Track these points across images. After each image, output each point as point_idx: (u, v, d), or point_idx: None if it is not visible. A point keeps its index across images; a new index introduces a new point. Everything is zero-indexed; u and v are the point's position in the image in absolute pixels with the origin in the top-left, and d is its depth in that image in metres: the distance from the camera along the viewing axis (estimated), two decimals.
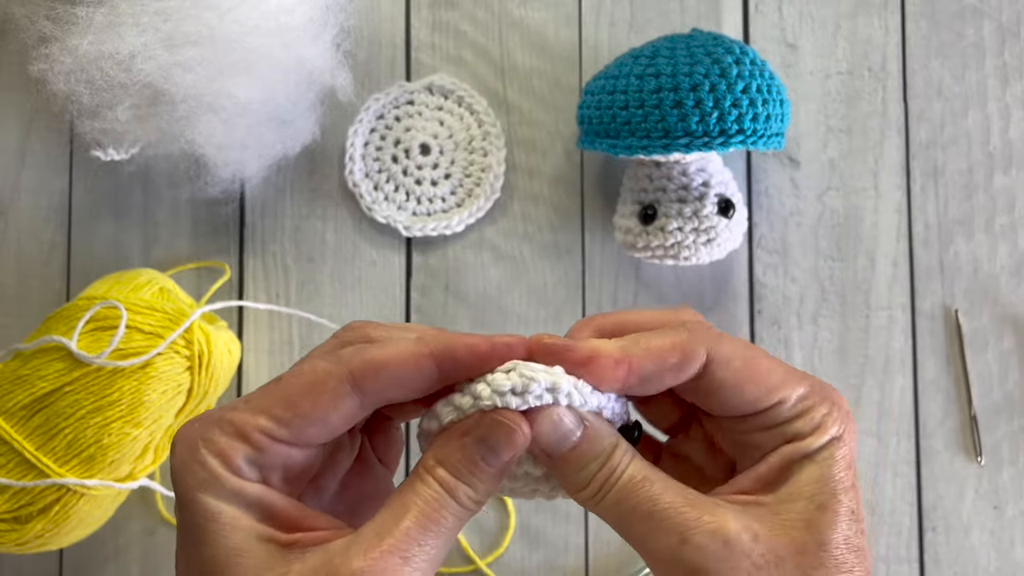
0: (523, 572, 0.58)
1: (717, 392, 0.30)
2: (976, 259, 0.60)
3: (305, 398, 0.28)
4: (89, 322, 0.51)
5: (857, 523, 0.29)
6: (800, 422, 0.30)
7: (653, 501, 0.28)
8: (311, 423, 0.28)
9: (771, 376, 0.30)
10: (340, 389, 0.29)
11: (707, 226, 0.54)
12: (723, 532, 0.28)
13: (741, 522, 0.28)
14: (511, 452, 0.29)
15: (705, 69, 0.51)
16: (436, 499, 0.28)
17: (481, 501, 0.29)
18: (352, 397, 0.29)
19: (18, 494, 0.49)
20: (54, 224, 0.60)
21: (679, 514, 0.28)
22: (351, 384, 0.29)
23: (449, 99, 0.61)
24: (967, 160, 0.60)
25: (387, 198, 0.60)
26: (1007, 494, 0.59)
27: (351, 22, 0.58)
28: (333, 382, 0.29)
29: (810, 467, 0.29)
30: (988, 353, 0.59)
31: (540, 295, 0.60)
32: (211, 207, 0.60)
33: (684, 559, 0.28)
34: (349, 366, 0.29)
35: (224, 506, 0.28)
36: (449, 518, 0.28)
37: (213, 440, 0.28)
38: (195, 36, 0.51)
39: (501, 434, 0.29)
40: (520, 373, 0.29)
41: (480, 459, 0.29)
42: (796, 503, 0.29)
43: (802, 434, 0.30)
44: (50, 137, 0.60)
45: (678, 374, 0.30)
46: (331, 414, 0.29)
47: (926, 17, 0.61)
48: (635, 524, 0.28)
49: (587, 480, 0.29)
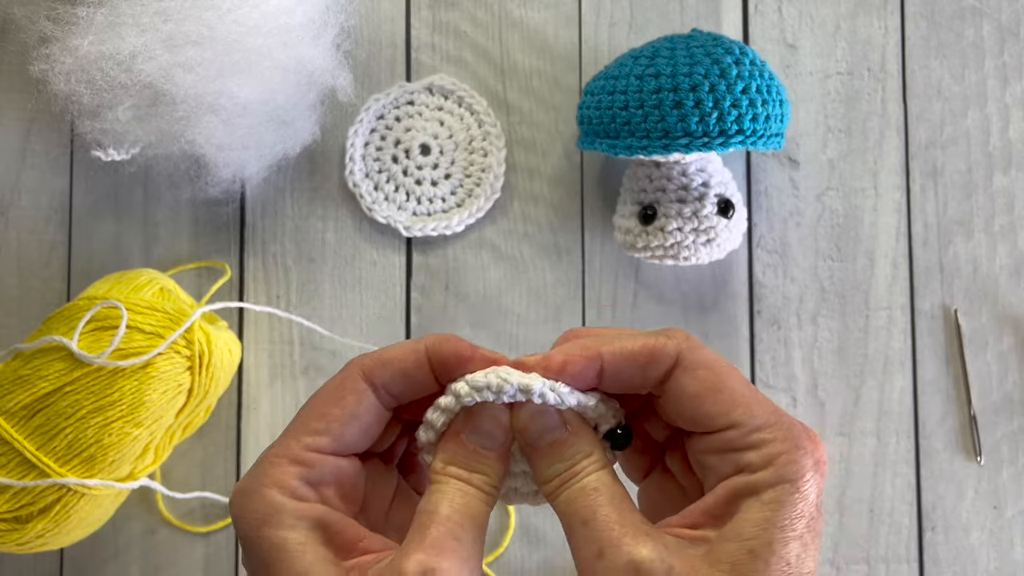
0: (523, 572, 0.58)
1: (677, 400, 0.31)
2: (975, 259, 0.60)
3: (333, 404, 0.31)
4: (90, 322, 0.51)
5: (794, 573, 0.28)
6: (752, 454, 0.29)
7: (592, 511, 0.29)
8: (345, 424, 0.31)
9: (732, 395, 0.30)
10: (358, 386, 0.31)
11: (707, 226, 0.54)
12: (636, 559, 0.28)
13: (662, 554, 0.28)
14: (502, 432, 0.32)
15: (705, 69, 0.51)
16: (460, 489, 0.30)
17: (497, 484, 0.31)
18: (369, 393, 0.31)
19: (19, 494, 0.49)
20: (55, 224, 0.60)
21: (606, 529, 0.29)
22: (365, 380, 0.31)
23: (449, 99, 0.61)
24: (966, 160, 0.61)
25: (387, 198, 0.60)
26: (1007, 494, 0.59)
27: (351, 22, 0.58)
28: (350, 382, 0.31)
29: (755, 507, 0.29)
30: (987, 353, 0.60)
31: (540, 295, 0.60)
32: (211, 207, 0.60)
33: (598, 573, 0.28)
34: (361, 366, 0.32)
35: (289, 534, 0.29)
36: (476, 502, 0.31)
37: (267, 474, 0.30)
38: (195, 36, 0.51)
39: (487, 419, 0.31)
40: (496, 375, 0.31)
41: (480, 447, 0.31)
42: (731, 543, 0.28)
43: (752, 466, 0.29)
44: (51, 137, 0.60)
45: (645, 373, 0.31)
46: (359, 411, 0.31)
47: (926, 17, 0.61)
48: (572, 528, 0.30)
49: (552, 476, 0.31)
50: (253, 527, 0.29)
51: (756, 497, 0.29)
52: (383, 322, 0.60)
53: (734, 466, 0.30)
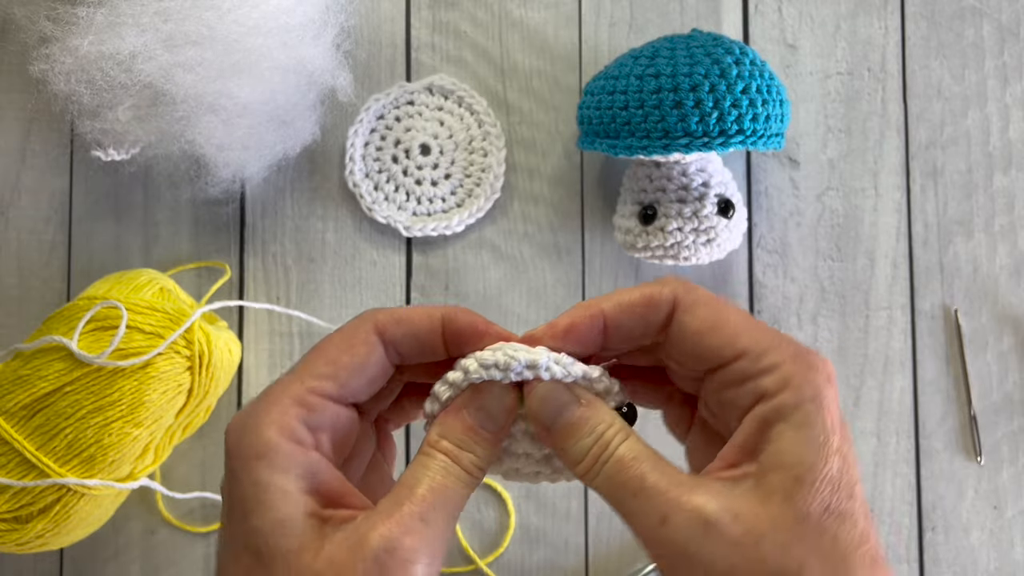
0: (523, 572, 0.58)
1: (682, 341, 0.31)
2: (976, 259, 0.60)
3: (343, 352, 0.31)
4: (89, 322, 0.51)
5: (841, 489, 0.28)
6: (767, 379, 0.30)
7: (641, 480, 0.29)
8: (352, 373, 0.31)
9: (734, 327, 0.30)
10: (370, 338, 0.32)
11: (707, 226, 0.54)
12: (703, 514, 0.28)
13: (722, 502, 0.28)
14: (504, 414, 0.32)
15: (705, 69, 0.51)
16: (444, 468, 0.30)
17: (484, 467, 0.32)
18: (379, 346, 0.32)
19: (18, 494, 0.49)
20: (54, 224, 0.60)
21: (662, 494, 0.28)
22: (377, 333, 0.32)
23: (449, 99, 0.61)
24: (966, 160, 0.61)
25: (387, 198, 0.60)
26: (1007, 494, 0.59)
27: (351, 22, 0.58)
28: (363, 333, 0.32)
29: (787, 432, 0.29)
30: (988, 353, 0.60)
31: (540, 295, 0.60)
32: (211, 207, 0.60)
33: (666, 539, 0.28)
34: (375, 319, 0.32)
35: (277, 476, 0.29)
36: (457, 484, 0.30)
37: (268, 411, 0.30)
38: (195, 36, 0.51)
39: (492, 398, 0.31)
40: (504, 352, 0.32)
41: (478, 426, 0.31)
42: (775, 474, 0.28)
43: (770, 392, 0.29)
44: (51, 137, 0.60)
45: (647, 321, 0.32)
46: (367, 363, 0.31)
47: (926, 17, 0.61)
48: (624, 502, 0.29)
49: (582, 454, 0.30)
50: (243, 462, 0.29)
51: (784, 422, 0.29)
52: None
53: (753, 396, 0.30)
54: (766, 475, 0.28)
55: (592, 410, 0.31)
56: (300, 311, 0.59)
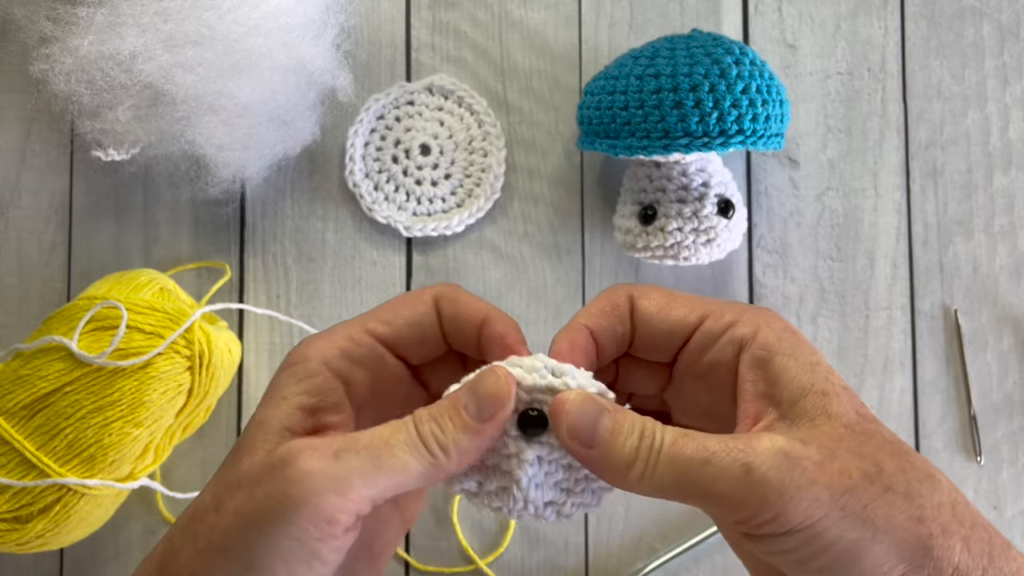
0: (523, 572, 0.58)
1: (648, 323, 0.34)
2: (975, 259, 0.60)
3: (403, 305, 0.34)
4: (90, 322, 0.51)
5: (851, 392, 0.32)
6: (740, 327, 0.32)
7: (704, 449, 0.29)
8: (406, 324, 0.34)
9: (688, 300, 0.34)
10: (429, 307, 0.34)
11: (707, 226, 0.54)
12: (778, 447, 0.29)
13: (783, 436, 0.29)
14: (495, 404, 0.30)
15: (705, 69, 0.51)
16: (400, 428, 0.30)
17: (446, 449, 0.30)
18: (435, 315, 0.34)
19: (19, 494, 0.49)
20: (55, 224, 0.60)
21: (732, 451, 0.29)
22: (435, 304, 0.34)
23: (449, 99, 0.61)
24: (966, 160, 0.61)
25: (387, 198, 0.60)
26: (1007, 494, 0.59)
27: (351, 22, 0.58)
28: (425, 300, 0.34)
29: (786, 362, 0.31)
30: (987, 353, 0.60)
31: (540, 295, 0.60)
32: (212, 207, 0.60)
33: (754, 484, 0.28)
34: (435, 292, 0.34)
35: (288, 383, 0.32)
36: (407, 451, 0.29)
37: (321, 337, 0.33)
38: (195, 36, 0.51)
39: (490, 380, 0.31)
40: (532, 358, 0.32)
41: (463, 406, 0.30)
42: (805, 400, 0.30)
43: (747, 336, 0.32)
44: (51, 137, 0.60)
45: (619, 318, 0.34)
46: (423, 320, 0.34)
47: (926, 17, 0.61)
48: (698, 476, 0.29)
49: (632, 456, 0.30)
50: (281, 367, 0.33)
51: (779, 355, 0.31)
52: None
53: (733, 346, 0.32)
54: (795, 407, 0.30)
55: (623, 412, 0.31)
56: (300, 311, 0.59)
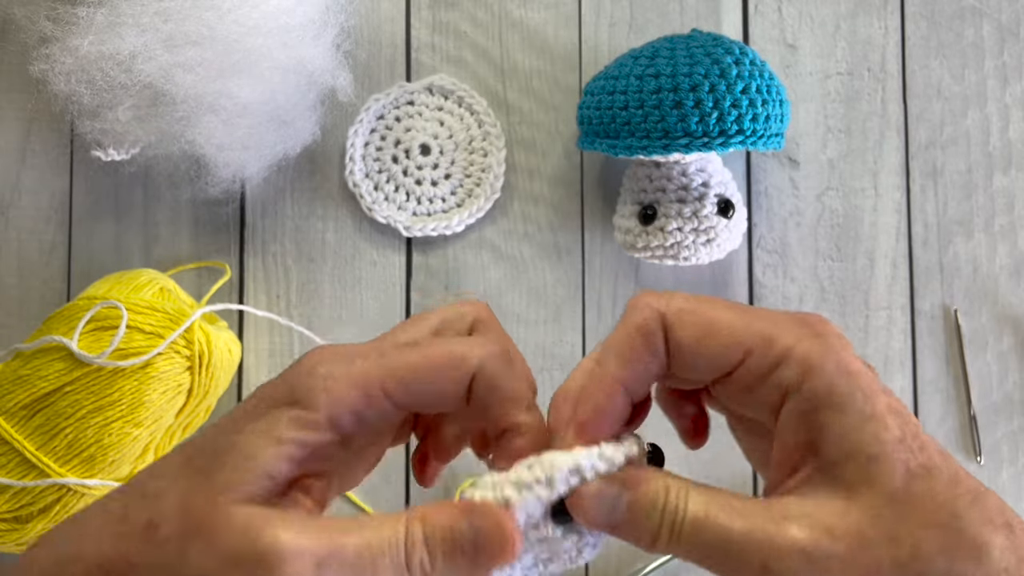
0: None
1: (683, 356, 0.29)
2: (975, 259, 0.60)
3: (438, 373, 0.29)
4: (90, 322, 0.51)
5: (910, 444, 0.27)
6: (786, 371, 0.28)
7: (725, 535, 0.27)
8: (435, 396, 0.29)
9: (729, 325, 0.29)
10: (465, 382, 0.29)
11: (707, 226, 0.54)
12: (799, 547, 0.26)
13: (811, 523, 0.26)
14: (491, 561, 0.28)
15: (705, 69, 0.51)
16: (387, 548, 0.27)
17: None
18: (464, 391, 0.29)
19: (19, 494, 0.49)
20: (55, 224, 0.60)
21: (752, 543, 0.27)
22: (471, 380, 0.29)
23: (449, 99, 0.61)
24: (966, 160, 0.61)
25: (387, 198, 0.60)
26: (1007, 494, 0.59)
27: (351, 22, 0.58)
28: (465, 367, 0.29)
29: (834, 418, 0.27)
30: (987, 353, 0.60)
31: (540, 295, 0.60)
32: (211, 207, 0.60)
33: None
34: (476, 362, 0.29)
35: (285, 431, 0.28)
36: (391, 568, 0.27)
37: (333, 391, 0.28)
38: (195, 36, 0.51)
39: (495, 538, 0.28)
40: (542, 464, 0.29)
41: (459, 548, 0.28)
42: (847, 465, 0.27)
43: (794, 383, 0.28)
44: (51, 137, 0.60)
45: (650, 357, 0.29)
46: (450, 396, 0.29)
47: (926, 17, 0.61)
48: (717, 562, 0.27)
49: (655, 531, 0.28)
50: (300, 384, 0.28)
51: (826, 409, 0.27)
52: (383, 322, 0.59)
53: (778, 391, 0.28)
54: (836, 468, 0.27)
55: (642, 486, 0.28)
56: (300, 311, 0.59)
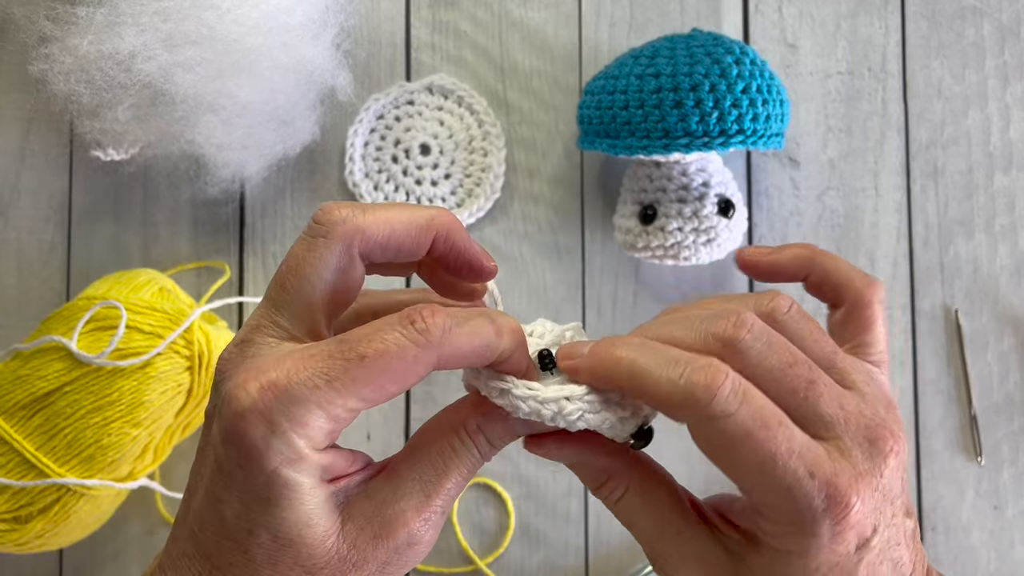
0: (523, 572, 0.58)
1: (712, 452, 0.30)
2: (976, 259, 0.60)
3: (393, 382, 0.28)
4: (89, 322, 0.51)
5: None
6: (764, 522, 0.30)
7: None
8: (392, 396, 0.29)
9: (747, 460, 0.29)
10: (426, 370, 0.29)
11: (707, 226, 0.54)
12: None
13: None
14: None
15: (705, 69, 0.51)
16: (474, 464, 0.31)
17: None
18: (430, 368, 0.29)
19: (18, 494, 0.49)
20: (54, 224, 0.60)
21: None
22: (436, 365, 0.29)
23: (449, 99, 0.61)
24: (967, 160, 0.60)
25: (387, 198, 0.60)
26: (1007, 494, 0.59)
27: (351, 22, 0.58)
28: (421, 368, 0.28)
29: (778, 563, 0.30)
30: (988, 353, 0.59)
31: (540, 295, 0.60)
32: (211, 207, 0.60)
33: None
34: (439, 351, 0.28)
35: (304, 478, 0.28)
36: (472, 474, 0.32)
37: (301, 422, 0.28)
38: (195, 36, 0.51)
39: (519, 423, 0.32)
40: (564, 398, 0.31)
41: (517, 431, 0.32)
42: None
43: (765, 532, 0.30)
44: (50, 137, 0.60)
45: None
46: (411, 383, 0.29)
47: (926, 17, 0.61)
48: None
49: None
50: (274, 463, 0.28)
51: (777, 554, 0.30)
52: None
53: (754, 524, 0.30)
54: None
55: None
56: None
